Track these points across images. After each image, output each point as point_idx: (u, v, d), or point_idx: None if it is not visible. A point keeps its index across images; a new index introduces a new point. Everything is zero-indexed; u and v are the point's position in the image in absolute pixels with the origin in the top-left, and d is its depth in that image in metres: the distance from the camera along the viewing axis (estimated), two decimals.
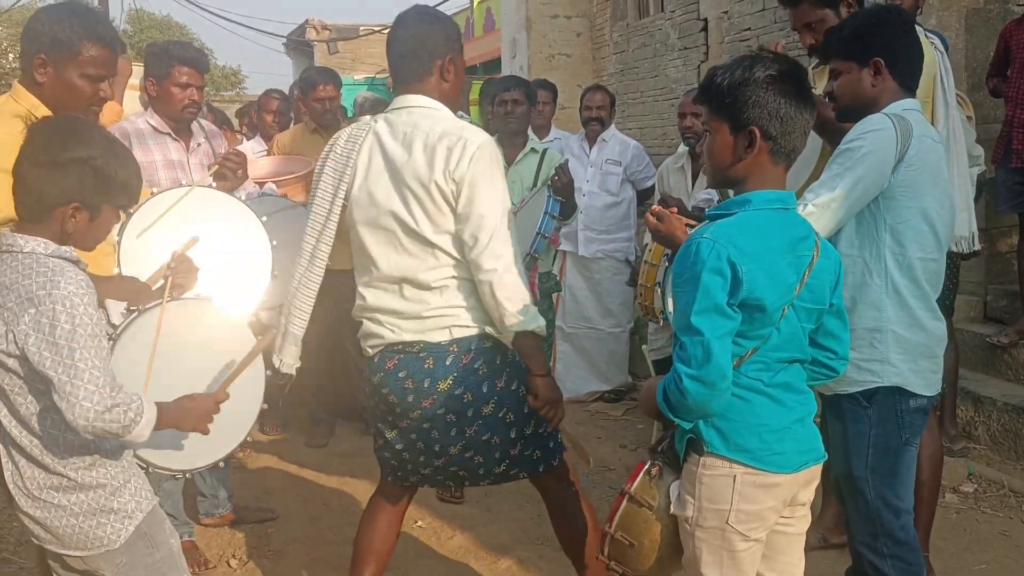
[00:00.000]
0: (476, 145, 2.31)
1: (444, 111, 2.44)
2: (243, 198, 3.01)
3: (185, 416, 2.06)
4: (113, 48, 2.45)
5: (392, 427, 2.54)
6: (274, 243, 2.88)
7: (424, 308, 2.41)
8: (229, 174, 3.04)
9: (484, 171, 2.32)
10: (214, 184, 2.96)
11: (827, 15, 2.80)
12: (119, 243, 2.62)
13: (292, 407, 5.24)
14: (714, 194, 3.87)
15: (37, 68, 2.37)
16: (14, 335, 1.81)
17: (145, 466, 2.21)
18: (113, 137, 2.02)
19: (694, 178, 4.41)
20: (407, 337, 2.43)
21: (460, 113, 5.33)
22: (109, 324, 2.32)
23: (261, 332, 2.44)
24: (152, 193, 2.76)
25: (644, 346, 3.64)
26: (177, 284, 2.39)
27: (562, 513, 2.68)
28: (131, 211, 2.70)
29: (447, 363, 2.41)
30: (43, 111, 2.41)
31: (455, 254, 2.39)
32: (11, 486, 1.96)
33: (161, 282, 2.40)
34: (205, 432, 2.12)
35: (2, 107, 2.43)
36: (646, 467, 2.02)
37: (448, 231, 2.37)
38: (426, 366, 2.42)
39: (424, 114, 2.41)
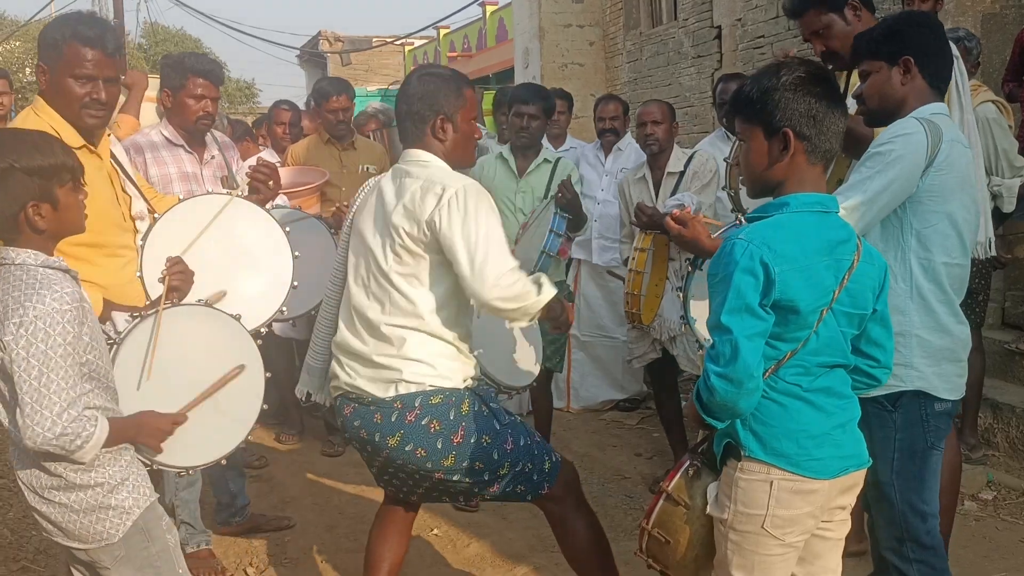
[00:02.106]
0: (453, 190, 2.33)
1: (437, 163, 2.47)
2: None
3: (140, 432, 2.15)
4: (102, 48, 2.44)
5: (371, 463, 2.61)
6: (296, 255, 2.93)
7: (373, 352, 2.44)
8: (261, 186, 3.06)
9: (464, 212, 2.32)
10: (245, 194, 3.01)
11: (833, 20, 2.79)
12: (142, 249, 2.67)
13: (307, 416, 5.26)
14: (686, 199, 3.86)
15: (39, 76, 2.45)
16: (2, 343, 1.89)
17: (148, 463, 2.27)
18: (15, 131, 2.09)
19: (656, 187, 4.38)
20: (360, 383, 2.46)
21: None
22: (115, 331, 2.40)
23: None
24: (179, 199, 2.81)
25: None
26: (173, 287, 2.44)
27: (562, 529, 2.67)
28: (157, 216, 2.78)
29: (392, 420, 2.41)
30: (60, 123, 2.46)
31: (413, 304, 2.40)
32: (21, 485, 2.08)
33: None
34: (158, 451, 2.20)
35: (24, 121, 2.49)
36: (685, 467, 2.05)
37: (413, 276, 2.39)
38: (375, 420, 2.44)
39: (419, 166, 2.47)
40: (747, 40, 6.99)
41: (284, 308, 2.92)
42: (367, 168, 4.78)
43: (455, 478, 2.47)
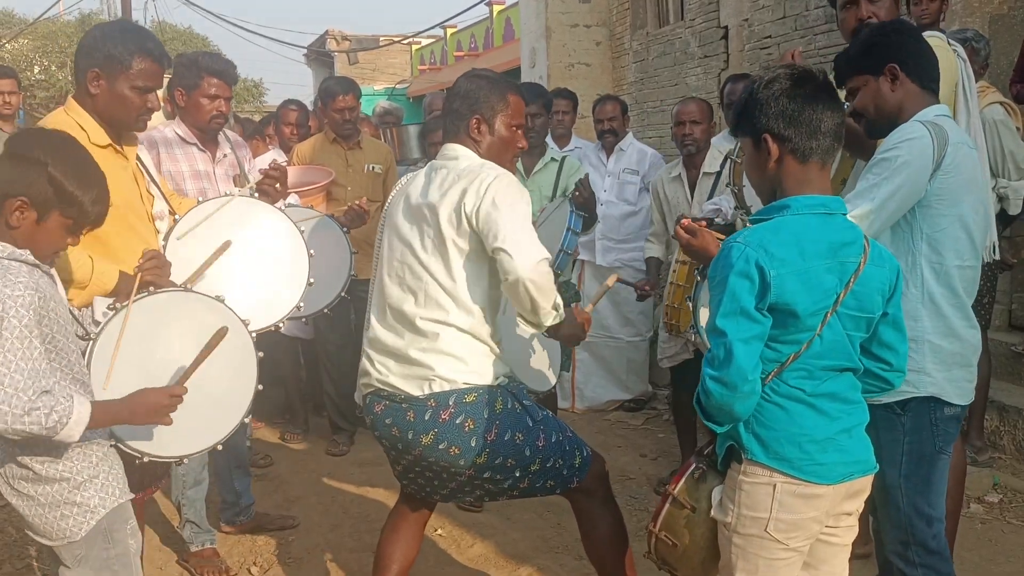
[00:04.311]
0: (493, 176, 2.38)
1: (470, 155, 2.51)
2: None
3: (135, 410, 2.08)
4: (161, 62, 2.60)
5: (397, 462, 2.58)
6: (312, 253, 2.95)
7: (408, 347, 2.43)
8: (270, 188, 3.10)
9: (505, 195, 2.35)
10: (256, 194, 3.04)
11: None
12: (164, 248, 2.71)
13: (312, 415, 5.27)
14: (722, 203, 3.84)
15: (91, 81, 2.52)
16: None
17: (139, 456, 2.24)
18: (87, 157, 2.08)
19: (691, 187, 4.34)
20: (392, 380, 2.45)
21: None
22: (92, 322, 2.37)
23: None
24: (198, 201, 2.87)
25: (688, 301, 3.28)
26: (147, 282, 2.39)
27: (588, 522, 2.68)
28: (177, 217, 2.82)
29: (426, 418, 2.41)
30: (90, 123, 2.53)
31: (448, 296, 2.41)
32: None
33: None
34: (167, 423, 2.13)
35: (54, 120, 2.56)
36: (690, 470, 2.05)
37: (448, 267, 2.40)
38: (408, 418, 2.44)
39: (451, 160, 2.52)
40: (754, 40, 6.97)
41: (301, 304, 2.94)
42: (373, 167, 4.78)
43: (486, 475, 2.46)
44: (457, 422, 2.39)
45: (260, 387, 2.45)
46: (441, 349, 2.40)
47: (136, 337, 2.28)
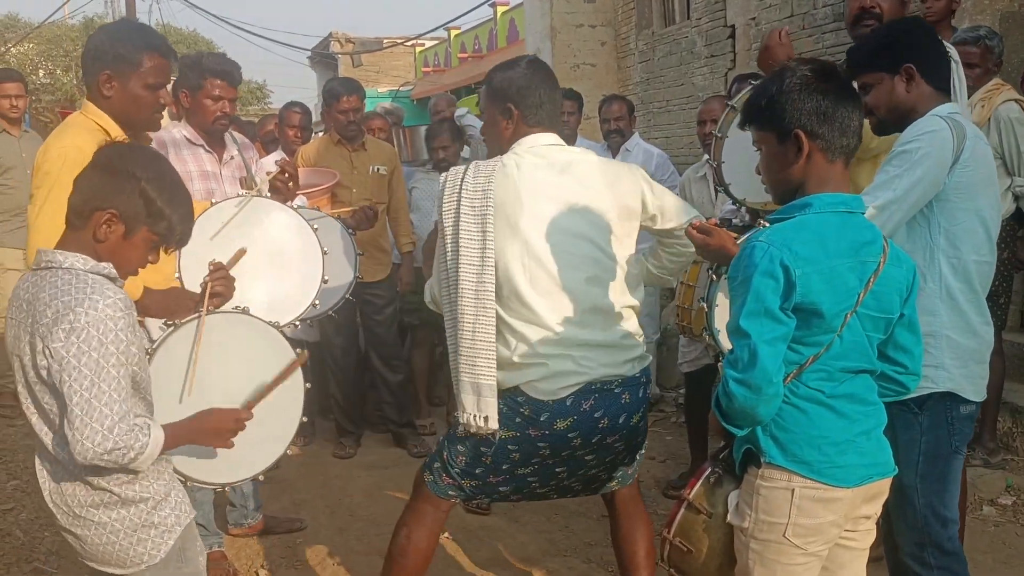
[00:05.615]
0: (638, 164, 2.58)
1: (579, 148, 2.66)
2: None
3: (200, 432, 2.05)
4: (168, 57, 2.60)
5: (536, 464, 2.47)
6: (326, 251, 2.96)
7: (614, 336, 2.44)
8: (281, 186, 3.11)
9: (653, 182, 2.58)
10: (269, 195, 3.05)
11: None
12: (180, 250, 2.68)
13: (318, 418, 5.25)
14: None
15: (103, 84, 2.52)
16: (50, 350, 1.79)
17: (183, 480, 2.19)
18: (175, 176, 2.03)
19: (717, 188, 4.34)
20: (603, 372, 2.40)
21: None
22: (148, 339, 2.32)
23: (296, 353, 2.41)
24: (212, 203, 2.87)
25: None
26: (215, 293, 2.37)
27: (628, 522, 2.69)
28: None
29: (639, 395, 2.48)
30: (109, 123, 2.52)
31: (632, 280, 2.50)
32: (51, 504, 1.95)
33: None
34: (228, 447, 2.10)
35: (74, 122, 2.58)
36: (706, 474, 2.03)
37: (629, 253, 2.49)
38: (623, 401, 2.43)
39: (571, 151, 2.57)
40: (761, 39, 6.95)
41: (317, 302, 2.96)
42: (378, 169, 4.76)
43: (641, 451, 2.62)
44: (647, 392, 2.55)
45: (305, 419, 2.43)
46: (636, 331, 2.50)
47: (199, 355, 2.24)
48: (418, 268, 4.98)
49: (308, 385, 2.44)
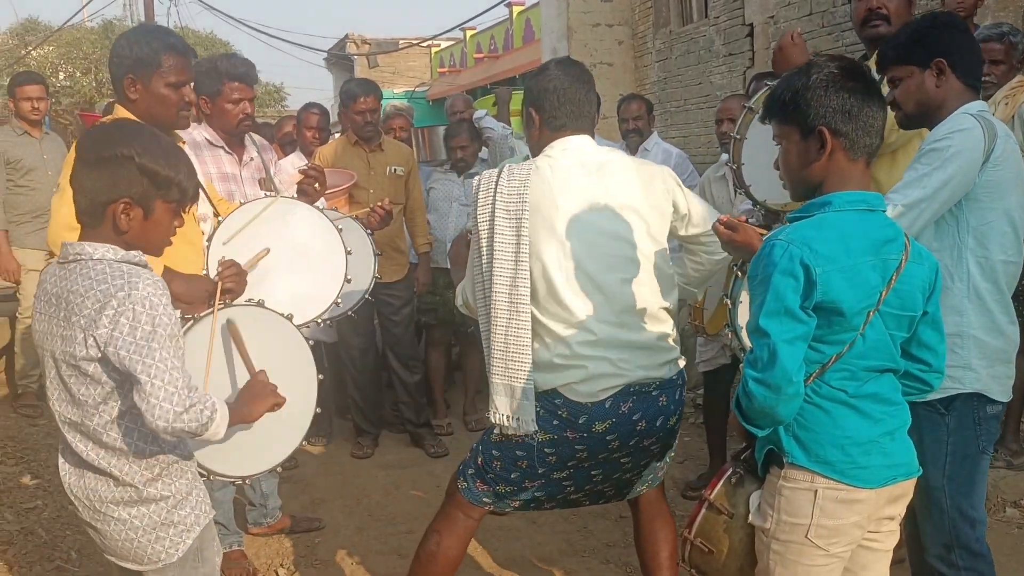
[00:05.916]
0: (669, 165, 2.57)
1: (615, 149, 2.66)
2: None
3: (252, 400, 2.07)
4: (186, 55, 2.64)
5: (573, 467, 2.46)
6: (350, 252, 3.01)
7: (650, 338, 2.43)
8: (309, 188, 3.17)
9: (682, 184, 2.59)
10: (296, 196, 3.11)
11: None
12: (208, 248, 2.75)
13: (336, 418, 5.27)
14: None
15: (128, 88, 2.58)
16: (94, 339, 1.80)
17: (206, 474, 2.22)
18: (161, 136, 2.02)
19: (737, 189, 4.32)
20: (642, 374, 2.40)
21: (503, 125, 5.34)
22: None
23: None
24: (240, 204, 2.92)
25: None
26: (226, 290, 2.42)
27: (651, 523, 2.68)
28: (220, 219, 2.84)
29: (676, 397, 2.48)
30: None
31: (664, 280, 2.47)
32: (73, 498, 1.98)
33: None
34: (282, 403, 2.11)
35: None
36: (727, 474, 2.01)
37: (662, 255, 2.46)
38: (660, 403, 2.43)
39: (604, 151, 2.54)
40: (779, 38, 6.91)
41: (339, 300, 3.01)
42: (395, 170, 4.77)
43: (672, 452, 2.64)
44: (683, 396, 2.55)
45: (319, 410, 2.45)
46: (672, 332, 2.49)
47: (212, 348, 2.26)
48: (435, 269, 4.99)
49: (321, 377, 2.46)
